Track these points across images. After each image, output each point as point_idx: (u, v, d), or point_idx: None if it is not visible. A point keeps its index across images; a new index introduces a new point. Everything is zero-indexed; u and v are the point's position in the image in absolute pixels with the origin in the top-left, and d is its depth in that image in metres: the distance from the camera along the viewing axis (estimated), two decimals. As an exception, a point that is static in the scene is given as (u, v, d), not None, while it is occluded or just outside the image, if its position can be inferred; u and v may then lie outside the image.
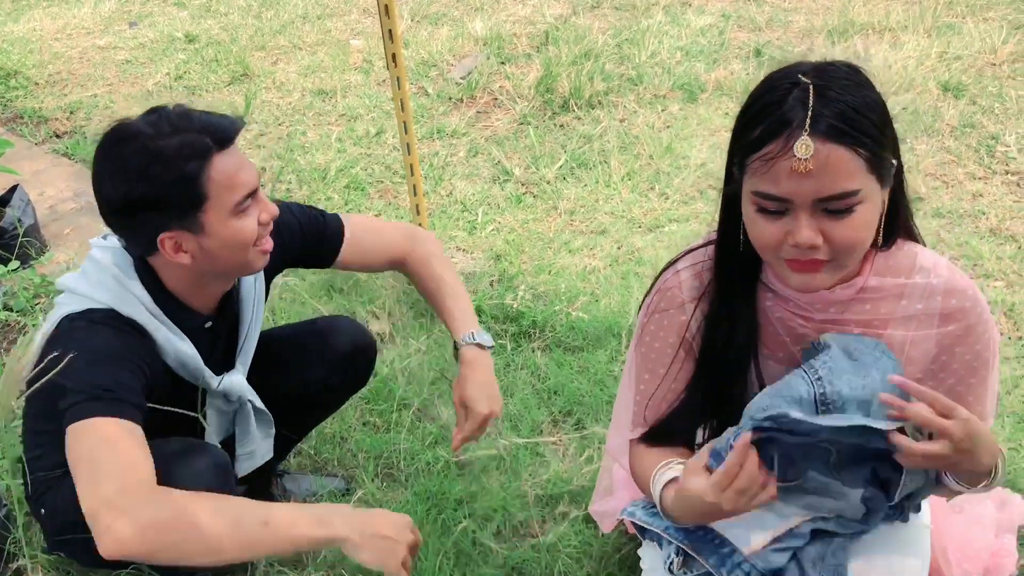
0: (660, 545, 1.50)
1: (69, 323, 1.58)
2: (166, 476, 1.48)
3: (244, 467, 1.92)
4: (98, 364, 1.52)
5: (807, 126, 1.17)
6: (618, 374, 2.55)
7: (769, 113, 1.21)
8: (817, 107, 1.17)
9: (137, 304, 1.60)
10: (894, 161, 1.25)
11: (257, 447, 1.94)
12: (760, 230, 1.27)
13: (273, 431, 1.97)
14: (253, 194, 1.57)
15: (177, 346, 1.66)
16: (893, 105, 1.26)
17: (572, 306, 2.84)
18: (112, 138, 1.52)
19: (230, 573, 1.93)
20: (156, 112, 1.53)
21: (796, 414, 1.24)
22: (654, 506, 1.48)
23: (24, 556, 2.06)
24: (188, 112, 1.53)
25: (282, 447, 2.12)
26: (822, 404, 1.28)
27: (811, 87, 1.19)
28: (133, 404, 1.52)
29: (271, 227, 1.64)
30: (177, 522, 1.39)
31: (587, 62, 4.42)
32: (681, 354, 1.49)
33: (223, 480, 1.67)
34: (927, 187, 3.39)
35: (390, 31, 2.51)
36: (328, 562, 1.99)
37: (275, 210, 1.62)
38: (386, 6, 2.48)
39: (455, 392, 1.83)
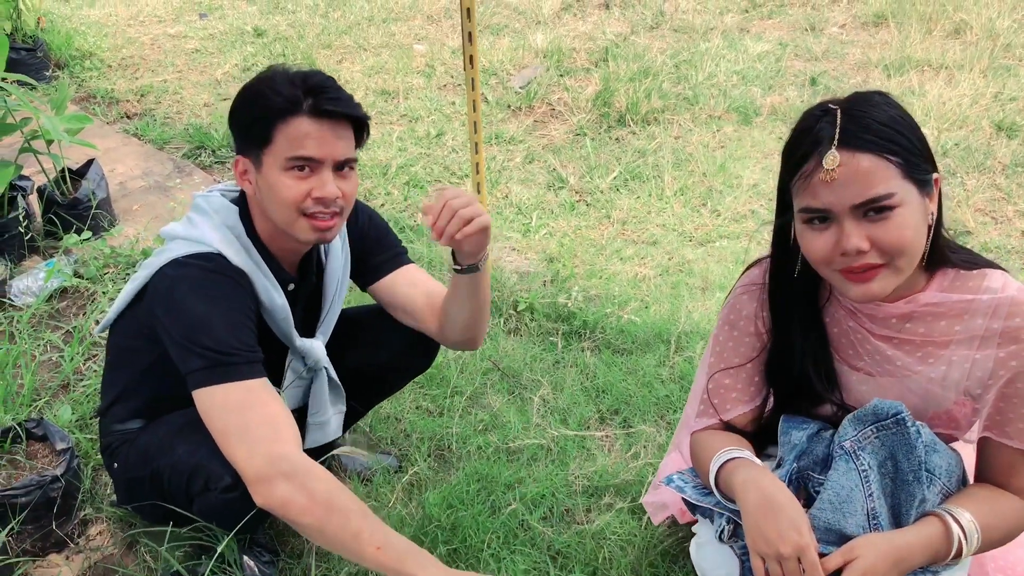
0: (711, 519, 1.57)
1: (178, 267, 1.63)
2: None
3: (314, 438, 2.00)
4: (217, 322, 1.58)
5: (835, 142, 1.28)
6: (666, 378, 2.62)
7: (804, 139, 1.33)
8: (844, 124, 1.28)
9: (242, 250, 1.69)
10: (933, 174, 1.33)
11: (329, 419, 2.01)
12: (811, 244, 1.36)
13: (344, 408, 2.04)
14: (311, 163, 1.61)
15: (272, 296, 1.75)
16: (946, 141, 1.34)
17: (623, 310, 2.92)
18: (260, 72, 1.69)
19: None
20: (303, 71, 1.65)
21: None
22: (704, 486, 1.57)
23: (90, 507, 2.17)
24: (320, 78, 1.63)
25: (343, 424, 2.20)
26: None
27: (839, 111, 1.30)
28: (257, 360, 1.61)
29: (331, 208, 1.66)
30: (317, 506, 1.50)
31: (645, 80, 4.52)
32: (753, 352, 1.59)
33: None
34: (975, 222, 3.43)
35: (470, 33, 2.61)
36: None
37: (332, 193, 1.63)
38: (468, 9, 2.58)
39: None
